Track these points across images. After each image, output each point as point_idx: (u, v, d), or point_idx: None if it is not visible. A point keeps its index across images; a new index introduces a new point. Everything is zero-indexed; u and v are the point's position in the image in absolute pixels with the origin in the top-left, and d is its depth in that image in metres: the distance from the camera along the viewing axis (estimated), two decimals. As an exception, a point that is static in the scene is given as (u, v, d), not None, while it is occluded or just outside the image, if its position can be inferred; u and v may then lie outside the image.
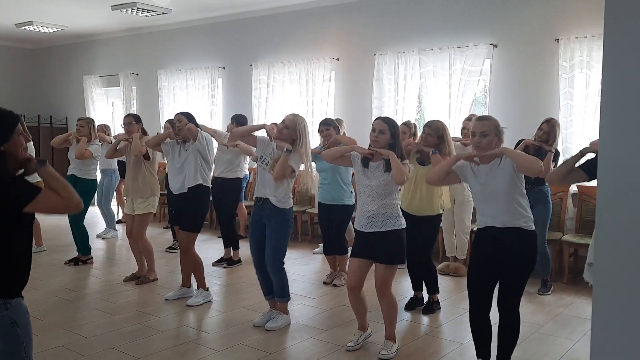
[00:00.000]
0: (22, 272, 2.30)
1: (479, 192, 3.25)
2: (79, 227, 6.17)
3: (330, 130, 5.33)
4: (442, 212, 4.70)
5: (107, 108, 10.83)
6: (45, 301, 4.85)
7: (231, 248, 6.28)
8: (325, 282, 5.54)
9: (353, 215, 5.11)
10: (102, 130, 7.65)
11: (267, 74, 8.20)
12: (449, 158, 3.96)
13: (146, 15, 8.52)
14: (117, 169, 7.76)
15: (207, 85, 8.91)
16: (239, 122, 6.14)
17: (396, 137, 3.67)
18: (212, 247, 6.89)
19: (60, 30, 9.96)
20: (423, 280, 4.79)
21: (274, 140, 4.18)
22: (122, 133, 5.58)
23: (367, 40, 7.38)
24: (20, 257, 2.28)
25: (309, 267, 6.21)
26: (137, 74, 10.07)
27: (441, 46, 6.71)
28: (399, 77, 7.02)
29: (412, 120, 6.16)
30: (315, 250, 6.91)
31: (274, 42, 8.24)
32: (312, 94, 7.74)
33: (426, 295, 4.82)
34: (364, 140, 3.85)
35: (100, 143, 6.51)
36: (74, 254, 6.31)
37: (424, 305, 4.76)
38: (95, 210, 8.19)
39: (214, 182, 6.07)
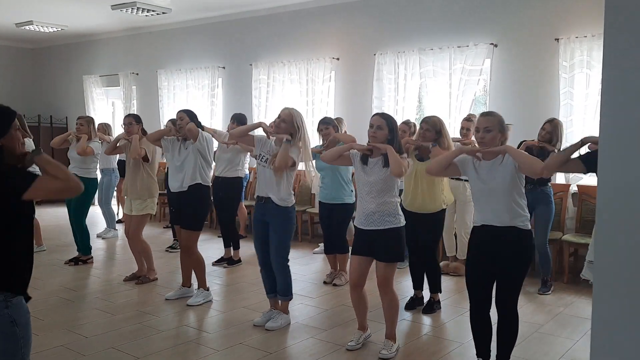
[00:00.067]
0: (23, 269, 2.29)
1: (479, 188, 3.24)
2: (80, 226, 6.17)
3: (329, 129, 5.34)
4: (446, 208, 4.68)
5: (107, 108, 10.84)
6: (46, 301, 4.85)
7: (231, 247, 6.28)
8: (325, 282, 5.55)
9: (354, 215, 5.11)
10: (103, 129, 7.65)
11: (267, 73, 8.20)
12: (451, 150, 3.95)
13: (146, 15, 8.53)
14: (116, 168, 7.76)
15: (207, 85, 8.91)
16: (239, 120, 6.13)
17: (394, 133, 3.67)
18: (212, 247, 6.88)
19: (60, 30, 9.96)
20: (426, 277, 4.79)
21: (272, 137, 4.19)
22: (122, 133, 5.58)
23: (367, 40, 7.38)
24: (21, 254, 2.27)
25: (309, 266, 6.21)
26: (137, 74, 10.08)
27: (441, 46, 6.71)
28: (399, 76, 7.02)
29: (412, 120, 6.15)
30: (316, 250, 6.91)
31: (274, 41, 8.24)
32: (312, 93, 7.74)
33: (427, 294, 4.82)
34: (364, 139, 3.85)
35: (100, 142, 6.51)
36: (74, 253, 6.31)
37: (424, 305, 4.76)
38: (95, 210, 8.19)
39: (215, 181, 6.08)
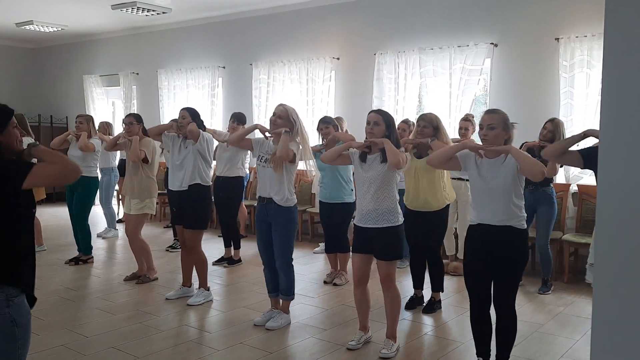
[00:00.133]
0: (24, 264, 2.28)
1: (479, 186, 3.23)
2: (83, 226, 6.18)
3: (329, 128, 5.33)
4: (449, 204, 4.66)
5: (107, 107, 10.84)
6: (46, 300, 4.85)
7: (232, 247, 6.28)
8: (325, 282, 5.55)
9: (354, 214, 5.11)
10: (104, 128, 7.64)
11: (267, 73, 8.20)
12: (454, 144, 3.94)
13: (146, 15, 8.53)
14: (115, 168, 7.77)
15: (208, 84, 8.91)
16: (239, 119, 6.17)
17: (391, 128, 3.70)
18: (212, 247, 6.88)
19: (60, 29, 9.97)
20: (429, 276, 4.78)
21: (269, 135, 4.20)
22: (123, 132, 5.59)
23: (368, 40, 7.38)
24: (23, 248, 2.27)
25: (309, 266, 6.21)
26: (138, 74, 10.07)
27: (441, 45, 6.71)
28: (399, 76, 7.02)
29: (411, 119, 6.15)
30: (316, 249, 6.91)
31: (274, 41, 8.24)
32: (312, 93, 7.74)
33: (427, 293, 4.82)
34: (365, 139, 3.86)
35: (100, 141, 6.51)
36: (75, 253, 6.31)
37: (424, 305, 4.76)
38: (95, 210, 8.17)
39: (216, 181, 6.09)
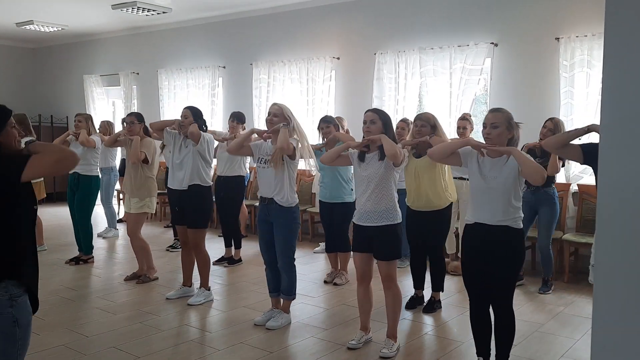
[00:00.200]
0: (26, 259, 2.27)
1: (479, 185, 3.22)
2: (85, 225, 6.18)
3: (330, 127, 5.29)
4: (452, 203, 4.64)
5: (107, 107, 10.84)
6: (46, 300, 4.85)
7: (233, 247, 6.29)
8: (326, 281, 5.55)
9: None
10: (105, 127, 7.62)
11: (267, 73, 8.20)
12: (457, 139, 3.94)
13: (147, 15, 8.53)
14: (115, 167, 7.77)
15: (208, 84, 8.91)
16: (239, 118, 6.20)
17: (388, 126, 3.72)
18: (212, 246, 6.86)
19: (60, 29, 9.97)
20: (430, 276, 4.78)
21: (266, 137, 4.21)
22: (123, 130, 5.60)
23: (368, 39, 7.38)
24: (24, 244, 2.27)
25: (309, 266, 6.21)
26: (138, 73, 10.08)
27: (441, 45, 6.70)
28: (399, 76, 7.02)
29: (410, 118, 6.15)
30: (316, 249, 6.91)
31: (275, 41, 8.24)
32: (312, 93, 7.74)
33: (428, 293, 4.82)
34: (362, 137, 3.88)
35: (100, 139, 6.50)
36: (75, 253, 6.31)
37: (424, 304, 4.76)
38: (96, 209, 8.17)
39: (217, 180, 6.10)
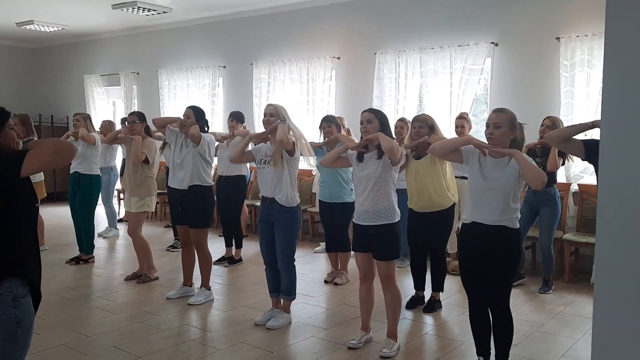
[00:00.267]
0: (29, 255, 2.28)
1: (478, 184, 3.21)
2: (87, 225, 6.19)
3: (332, 127, 5.27)
4: (454, 203, 4.62)
5: (107, 107, 10.85)
6: (47, 300, 4.78)
7: (234, 246, 6.29)
8: (326, 281, 5.55)
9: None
10: (106, 127, 7.64)
11: (267, 72, 8.20)
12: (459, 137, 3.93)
13: (147, 15, 8.53)
14: (115, 167, 7.79)
15: (208, 84, 8.91)
16: (238, 118, 6.22)
17: (384, 124, 3.74)
18: (213, 246, 6.83)
19: (61, 29, 9.97)
20: (431, 276, 4.77)
21: (265, 139, 4.22)
22: (124, 128, 5.61)
23: (368, 39, 7.38)
24: (27, 240, 2.28)
25: (310, 265, 6.21)
26: (138, 73, 10.08)
27: (442, 45, 6.70)
28: (399, 75, 7.02)
29: (408, 118, 6.17)
30: (316, 249, 6.92)
31: (275, 41, 8.24)
32: (312, 92, 7.74)
33: (428, 293, 4.82)
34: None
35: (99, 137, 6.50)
36: (75, 252, 6.32)
37: (425, 304, 4.76)
38: (96, 209, 8.17)
39: (218, 180, 6.11)
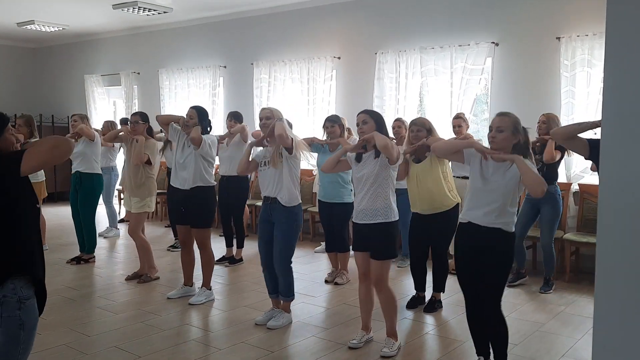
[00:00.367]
0: (32, 254, 2.29)
1: (478, 186, 3.21)
2: (89, 224, 6.19)
3: (335, 127, 5.17)
4: (458, 203, 4.58)
5: (108, 107, 10.86)
6: (48, 300, 4.78)
7: (235, 246, 6.29)
8: (326, 281, 5.55)
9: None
10: (108, 127, 7.65)
11: (268, 72, 8.20)
12: (461, 140, 3.91)
13: (147, 15, 8.53)
14: (115, 167, 7.79)
15: (209, 84, 8.92)
16: (236, 118, 6.24)
17: (380, 124, 3.75)
18: (213, 246, 6.83)
19: (61, 29, 9.97)
20: (433, 276, 4.76)
21: (265, 142, 4.22)
22: (126, 127, 5.62)
23: (368, 39, 7.38)
24: (29, 238, 2.28)
25: (310, 265, 6.21)
26: (139, 73, 10.08)
27: (442, 45, 6.70)
28: (400, 75, 7.02)
29: (406, 118, 6.20)
30: (317, 248, 6.92)
31: (275, 40, 8.24)
32: (313, 92, 7.74)
33: (429, 293, 4.82)
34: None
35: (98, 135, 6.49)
36: (76, 252, 6.32)
37: (425, 304, 4.76)
38: (97, 209, 8.18)
39: (220, 181, 6.11)
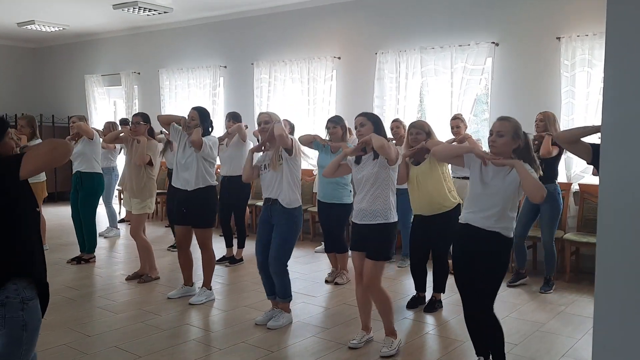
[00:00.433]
0: (33, 254, 2.30)
1: (478, 190, 3.21)
2: (90, 223, 6.19)
3: (337, 128, 5.15)
4: (459, 204, 4.55)
5: (108, 107, 10.86)
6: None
7: (235, 246, 6.30)
8: (326, 281, 5.55)
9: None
10: (109, 128, 7.65)
11: (268, 72, 8.21)
12: (461, 144, 3.92)
13: (148, 15, 8.53)
14: (116, 167, 7.79)
15: (209, 84, 8.92)
16: (235, 118, 6.25)
17: (378, 125, 3.78)
18: (213, 246, 6.87)
19: (62, 29, 9.97)
20: (433, 276, 4.76)
21: (265, 148, 4.24)
22: (126, 128, 5.62)
23: (369, 39, 7.38)
24: (30, 240, 2.29)
25: (310, 265, 6.21)
26: (139, 73, 10.08)
27: (442, 45, 6.70)
28: (400, 75, 7.02)
29: (405, 119, 6.24)
30: (317, 248, 6.92)
31: (276, 40, 8.25)
32: (313, 92, 7.74)
33: (429, 293, 4.82)
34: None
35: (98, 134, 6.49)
36: (77, 252, 6.32)
37: (425, 304, 4.77)
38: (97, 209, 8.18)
39: (222, 181, 6.11)
